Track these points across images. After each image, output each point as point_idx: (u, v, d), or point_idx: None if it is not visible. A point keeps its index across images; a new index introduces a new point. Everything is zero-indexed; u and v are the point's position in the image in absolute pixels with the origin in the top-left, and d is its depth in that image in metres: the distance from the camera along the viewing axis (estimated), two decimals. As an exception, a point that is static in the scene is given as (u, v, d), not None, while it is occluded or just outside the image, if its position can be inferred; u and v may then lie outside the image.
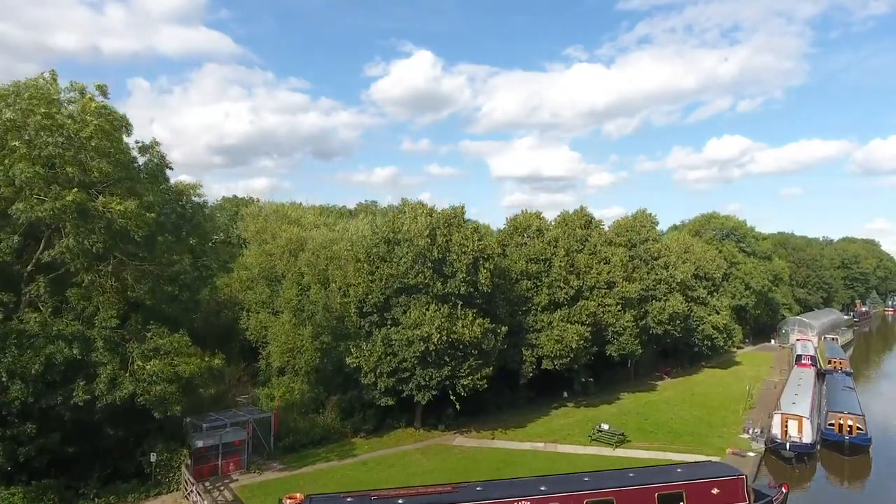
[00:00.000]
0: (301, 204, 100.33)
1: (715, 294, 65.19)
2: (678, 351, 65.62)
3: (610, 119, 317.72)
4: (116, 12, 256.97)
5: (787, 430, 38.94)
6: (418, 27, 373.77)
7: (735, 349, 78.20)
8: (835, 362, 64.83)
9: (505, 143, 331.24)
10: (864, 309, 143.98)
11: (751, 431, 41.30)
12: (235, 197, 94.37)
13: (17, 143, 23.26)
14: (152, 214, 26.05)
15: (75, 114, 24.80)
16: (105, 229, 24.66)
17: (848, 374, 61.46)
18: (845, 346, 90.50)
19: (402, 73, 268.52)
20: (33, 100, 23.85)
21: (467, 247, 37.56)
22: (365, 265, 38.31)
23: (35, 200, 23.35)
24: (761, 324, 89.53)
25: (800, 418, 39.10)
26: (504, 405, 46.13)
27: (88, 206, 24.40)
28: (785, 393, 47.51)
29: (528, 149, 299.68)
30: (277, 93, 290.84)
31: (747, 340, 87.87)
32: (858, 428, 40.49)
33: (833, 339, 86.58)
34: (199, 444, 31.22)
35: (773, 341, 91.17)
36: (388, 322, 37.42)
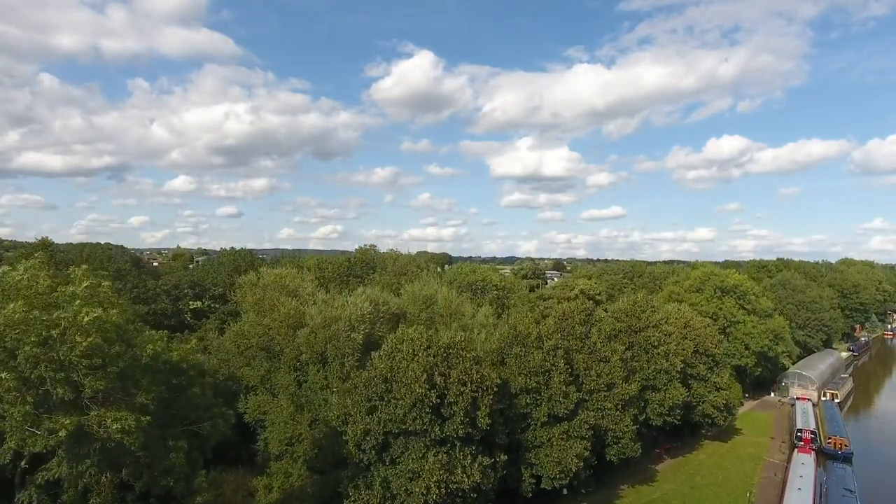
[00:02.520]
0: (300, 260, 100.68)
1: (715, 370, 64.86)
2: (677, 427, 65.35)
3: (610, 119, 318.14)
4: (118, 13, 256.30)
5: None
6: (419, 27, 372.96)
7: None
8: (834, 441, 64.72)
9: (505, 143, 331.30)
10: (863, 339, 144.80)
11: (751, 556, 41.24)
12: (233, 248, 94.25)
13: (4, 376, 22.81)
14: (147, 418, 25.65)
15: (66, 330, 24.27)
16: (100, 448, 24.30)
17: (848, 457, 61.59)
18: (845, 399, 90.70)
19: (402, 74, 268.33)
20: (24, 325, 23.34)
21: (467, 383, 37.22)
22: (364, 401, 38.01)
23: (27, 433, 22.97)
24: (761, 378, 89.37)
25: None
26: (503, 517, 45.95)
27: (82, 422, 24.03)
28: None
29: (527, 149, 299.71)
30: (278, 93, 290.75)
31: (747, 395, 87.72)
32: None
33: (832, 395, 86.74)
34: None
35: (772, 394, 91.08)
36: (387, 460, 37.21)
